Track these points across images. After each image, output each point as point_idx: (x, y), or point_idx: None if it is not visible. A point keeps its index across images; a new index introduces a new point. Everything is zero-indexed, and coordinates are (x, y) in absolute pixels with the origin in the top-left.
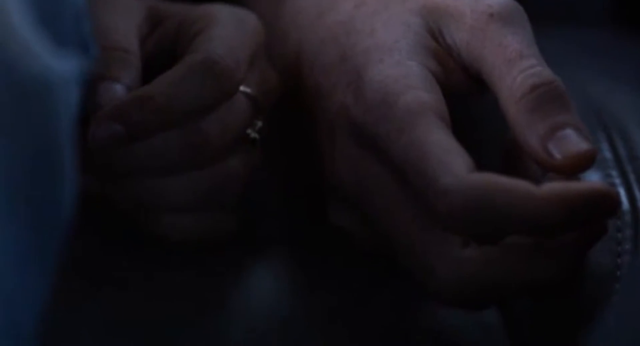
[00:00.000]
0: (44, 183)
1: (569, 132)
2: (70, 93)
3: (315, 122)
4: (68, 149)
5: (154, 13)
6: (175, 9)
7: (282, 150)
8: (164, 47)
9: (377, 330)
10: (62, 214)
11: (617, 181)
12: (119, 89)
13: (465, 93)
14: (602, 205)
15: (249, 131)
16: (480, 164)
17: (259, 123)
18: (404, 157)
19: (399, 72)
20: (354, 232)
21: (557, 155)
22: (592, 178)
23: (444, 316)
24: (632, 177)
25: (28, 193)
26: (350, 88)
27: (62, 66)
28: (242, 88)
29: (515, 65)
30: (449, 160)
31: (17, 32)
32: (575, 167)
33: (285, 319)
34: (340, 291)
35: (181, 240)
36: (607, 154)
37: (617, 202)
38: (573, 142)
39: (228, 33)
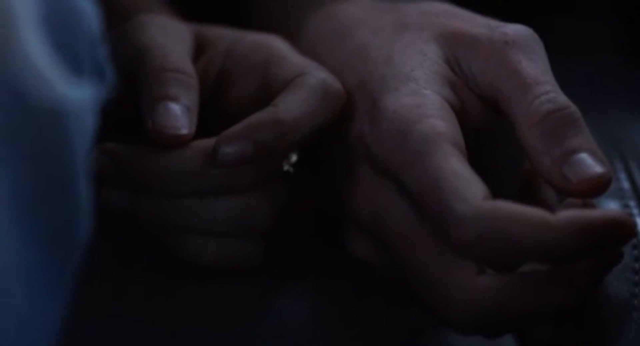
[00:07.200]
0: (59, 207)
1: (584, 156)
2: (85, 120)
3: (332, 149)
4: (83, 175)
5: (200, 38)
6: (220, 34)
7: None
8: (210, 72)
9: None
10: (77, 237)
11: (635, 211)
12: (177, 109)
13: (481, 121)
14: (618, 232)
15: (283, 163)
16: (496, 192)
17: (294, 157)
18: (418, 185)
19: (415, 101)
20: (370, 261)
21: (573, 179)
22: (610, 208)
23: (461, 344)
24: None
25: (43, 217)
26: (366, 116)
27: (77, 94)
28: None
29: (531, 91)
30: (464, 189)
31: (32, 61)
32: (591, 190)
33: None
34: (360, 318)
35: (206, 265)
36: (625, 184)
37: (633, 229)
38: (588, 165)
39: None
